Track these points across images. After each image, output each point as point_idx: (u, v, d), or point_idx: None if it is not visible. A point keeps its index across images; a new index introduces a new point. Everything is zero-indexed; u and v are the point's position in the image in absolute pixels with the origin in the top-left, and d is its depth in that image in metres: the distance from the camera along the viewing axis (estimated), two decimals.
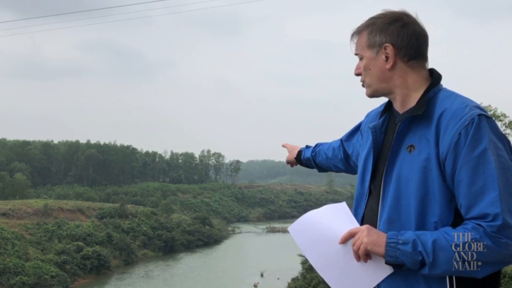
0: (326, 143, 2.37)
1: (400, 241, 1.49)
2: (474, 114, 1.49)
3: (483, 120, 1.48)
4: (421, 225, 1.52)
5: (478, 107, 1.52)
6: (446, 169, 1.49)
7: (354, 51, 1.73)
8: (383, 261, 1.54)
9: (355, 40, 1.71)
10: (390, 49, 1.62)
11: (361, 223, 1.69)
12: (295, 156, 2.50)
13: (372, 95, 1.72)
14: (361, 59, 1.70)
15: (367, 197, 1.71)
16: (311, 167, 2.46)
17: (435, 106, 1.56)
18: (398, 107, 1.69)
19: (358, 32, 1.70)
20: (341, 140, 2.20)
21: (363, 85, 1.73)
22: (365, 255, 1.55)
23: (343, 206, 1.73)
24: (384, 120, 1.73)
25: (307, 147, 2.49)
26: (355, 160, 2.10)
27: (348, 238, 1.60)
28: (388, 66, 1.63)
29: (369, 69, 1.67)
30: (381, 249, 1.51)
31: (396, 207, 1.58)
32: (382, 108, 1.81)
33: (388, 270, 1.56)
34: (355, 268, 1.60)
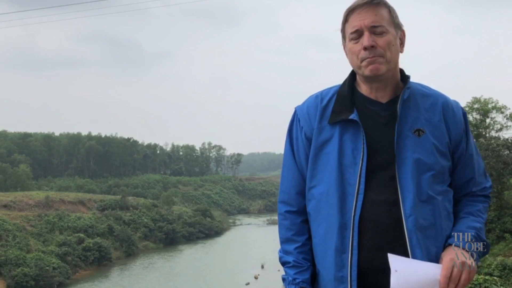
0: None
1: (478, 245, 1.57)
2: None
3: None
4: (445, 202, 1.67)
5: None
6: (459, 148, 1.68)
7: (372, 22, 1.57)
8: None
9: (372, 10, 1.58)
10: (403, 36, 1.67)
11: (360, 220, 1.56)
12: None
13: (385, 73, 1.60)
14: (379, 33, 1.58)
15: (362, 192, 1.57)
16: None
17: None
18: (383, 94, 1.64)
19: (377, 3, 1.59)
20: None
21: (373, 60, 1.57)
22: None
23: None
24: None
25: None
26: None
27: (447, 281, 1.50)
28: (402, 50, 1.66)
29: (393, 45, 1.60)
30: (474, 263, 1.54)
31: (420, 191, 1.56)
32: (324, 101, 1.68)
33: None
34: None
